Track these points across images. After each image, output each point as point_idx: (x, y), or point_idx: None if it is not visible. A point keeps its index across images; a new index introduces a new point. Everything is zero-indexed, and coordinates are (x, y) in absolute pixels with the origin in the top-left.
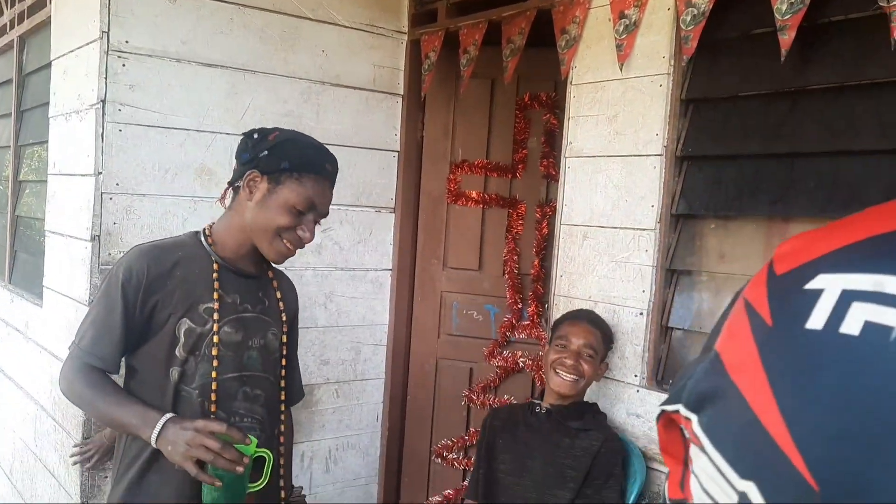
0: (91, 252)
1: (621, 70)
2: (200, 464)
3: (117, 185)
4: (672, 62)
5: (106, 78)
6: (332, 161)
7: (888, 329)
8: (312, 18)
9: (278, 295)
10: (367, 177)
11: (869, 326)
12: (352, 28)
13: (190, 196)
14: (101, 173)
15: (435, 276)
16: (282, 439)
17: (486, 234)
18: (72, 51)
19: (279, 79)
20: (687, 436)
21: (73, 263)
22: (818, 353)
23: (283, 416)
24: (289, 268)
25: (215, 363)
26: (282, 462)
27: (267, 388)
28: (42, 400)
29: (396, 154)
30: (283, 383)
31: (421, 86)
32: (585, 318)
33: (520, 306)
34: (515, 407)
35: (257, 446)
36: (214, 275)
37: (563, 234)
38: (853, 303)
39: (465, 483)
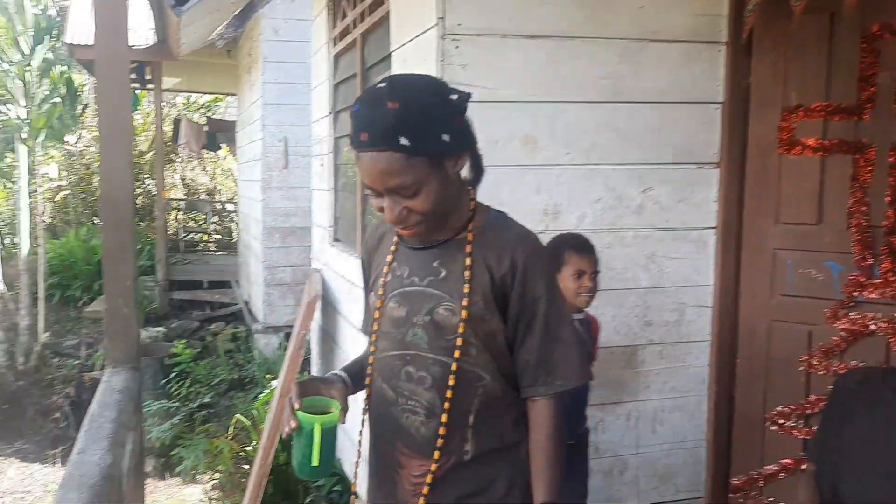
0: None
1: None
2: None
3: None
4: None
5: (442, 61)
6: (371, 124)
7: None
8: None
9: (467, 262)
10: (688, 132)
11: None
12: None
13: (516, 165)
14: None
15: (765, 232)
16: (444, 419)
17: (825, 184)
18: (410, 40)
19: (597, 42)
20: None
21: None
22: None
23: (452, 396)
24: (611, 229)
25: (376, 338)
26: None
27: (436, 371)
28: None
29: (719, 106)
30: (454, 366)
31: (745, 30)
32: None
33: (870, 262)
34: (872, 371)
35: (422, 435)
36: (393, 247)
37: None
38: None
39: (805, 453)
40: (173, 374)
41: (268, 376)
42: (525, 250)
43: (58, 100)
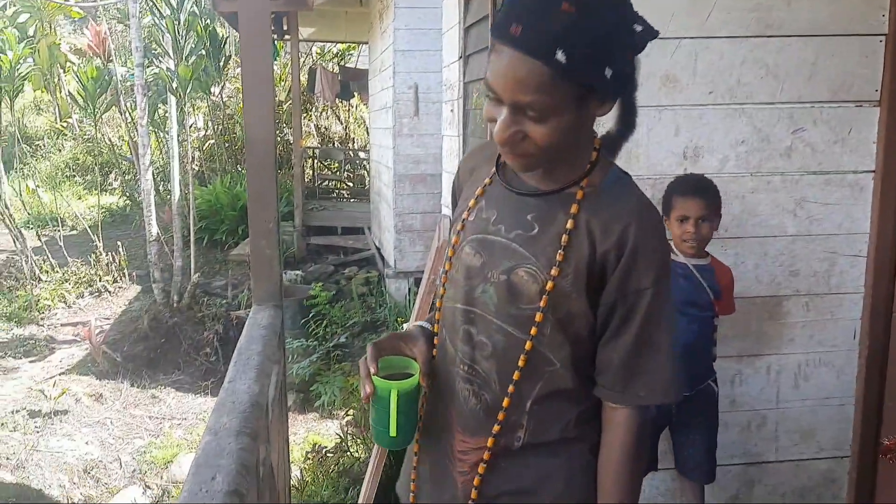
0: None
1: None
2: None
3: None
4: None
5: None
6: (531, 20)
7: None
8: None
9: (567, 224)
10: (846, 68)
11: None
12: None
13: (655, 105)
14: None
15: None
16: (505, 403)
17: None
18: None
19: None
20: None
21: None
22: None
23: (519, 378)
24: (756, 173)
25: (447, 281)
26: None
27: (499, 341)
28: None
29: (883, 38)
30: (528, 345)
31: None
32: None
33: None
34: None
35: (470, 407)
36: (487, 180)
37: None
38: None
39: None
40: (311, 315)
41: (399, 320)
42: (641, 227)
43: (203, 53)
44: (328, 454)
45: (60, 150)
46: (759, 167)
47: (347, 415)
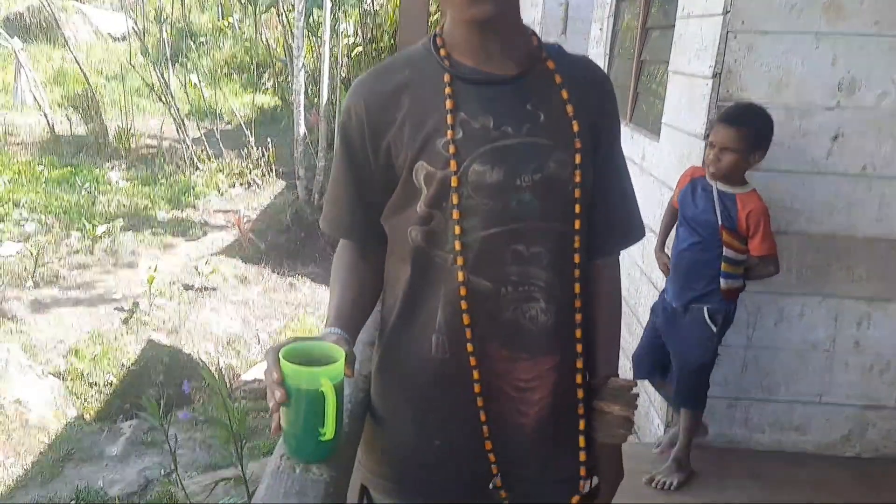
0: (711, 89)
1: None
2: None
3: (742, 23)
4: None
5: None
6: None
7: None
8: None
9: (563, 95)
10: None
11: None
12: None
13: (813, 32)
14: (728, 12)
15: None
16: (578, 304)
17: None
18: None
19: None
20: None
21: (693, 100)
22: None
23: (580, 274)
24: None
25: (461, 215)
26: (579, 336)
27: (552, 243)
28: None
29: None
30: (577, 226)
31: None
32: None
33: None
34: None
35: (540, 325)
36: (447, 90)
37: None
38: None
39: None
40: None
41: None
42: (607, 81)
43: None
44: None
45: (221, 48)
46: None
47: None
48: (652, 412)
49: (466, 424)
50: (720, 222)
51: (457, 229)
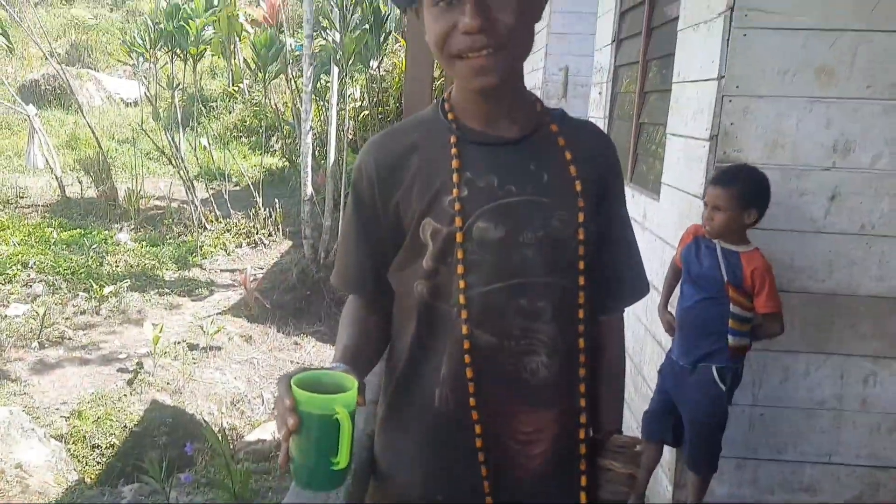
0: (708, 151)
1: None
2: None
3: (737, 87)
4: None
5: None
6: None
7: None
8: None
9: (566, 156)
10: None
11: None
12: None
13: (806, 97)
14: (723, 77)
15: None
16: (583, 359)
17: None
18: None
19: None
20: None
21: (691, 161)
22: None
23: (584, 329)
24: None
25: (465, 270)
26: (582, 390)
27: (556, 298)
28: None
29: None
30: (581, 282)
31: None
32: None
33: None
34: None
35: (540, 378)
36: (454, 150)
37: None
38: None
39: None
40: None
41: None
42: (614, 149)
43: (366, 27)
44: None
45: (230, 112)
46: None
47: None
48: (660, 473)
49: (468, 478)
50: (726, 279)
51: (461, 283)
